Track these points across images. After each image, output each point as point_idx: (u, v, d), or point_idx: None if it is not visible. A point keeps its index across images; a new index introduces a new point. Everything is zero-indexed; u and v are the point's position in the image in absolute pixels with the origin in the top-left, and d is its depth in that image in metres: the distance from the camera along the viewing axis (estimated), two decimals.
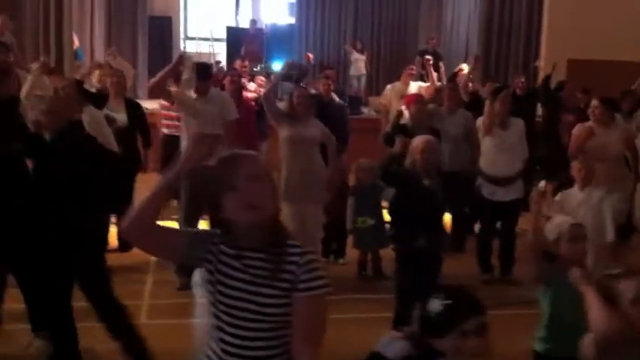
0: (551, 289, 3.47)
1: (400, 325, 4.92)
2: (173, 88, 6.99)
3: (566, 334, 3.36)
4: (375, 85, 15.83)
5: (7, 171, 4.50)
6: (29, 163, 4.62)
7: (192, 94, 6.44)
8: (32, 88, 6.36)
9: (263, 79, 10.77)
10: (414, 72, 9.46)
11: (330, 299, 2.32)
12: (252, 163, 2.35)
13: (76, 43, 11.50)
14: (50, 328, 4.54)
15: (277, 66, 14.43)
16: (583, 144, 6.37)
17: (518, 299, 5.38)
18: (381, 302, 5.88)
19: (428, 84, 9.24)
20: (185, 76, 7.17)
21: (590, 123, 6.58)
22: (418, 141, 5.01)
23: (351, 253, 6.93)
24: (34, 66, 6.78)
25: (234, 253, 2.34)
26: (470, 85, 9.02)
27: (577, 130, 6.61)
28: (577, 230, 3.49)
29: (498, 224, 6.84)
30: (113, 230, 5.89)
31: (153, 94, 7.02)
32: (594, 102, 6.61)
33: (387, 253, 6.58)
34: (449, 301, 2.25)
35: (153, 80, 6.36)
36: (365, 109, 13.84)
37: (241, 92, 8.20)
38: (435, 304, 2.26)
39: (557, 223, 3.57)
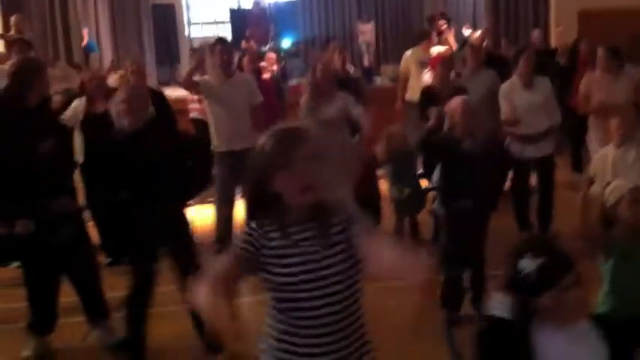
0: (612, 257, 3.48)
1: (449, 287, 5.05)
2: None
3: (628, 298, 3.43)
4: (383, 55, 15.77)
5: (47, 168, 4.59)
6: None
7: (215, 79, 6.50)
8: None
9: (273, 55, 10.81)
10: (435, 42, 9.35)
11: None
12: (308, 141, 2.28)
13: (86, 38, 11.57)
14: (127, 317, 4.61)
15: (287, 43, 14.56)
16: (589, 93, 6.42)
17: None
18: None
19: (445, 48, 9.19)
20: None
21: (597, 73, 6.66)
22: (456, 103, 4.98)
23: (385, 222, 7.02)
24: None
25: (281, 234, 2.32)
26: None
27: (583, 82, 6.71)
28: (637, 194, 3.49)
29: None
30: None
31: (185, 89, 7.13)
32: (599, 51, 6.67)
33: (422, 218, 6.75)
34: (542, 260, 2.18)
35: (182, 80, 6.47)
36: (378, 79, 13.77)
37: (260, 72, 8.26)
38: (528, 263, 2.19)
39: (615, 187, 3.59)
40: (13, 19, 8.86)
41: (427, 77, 7.71)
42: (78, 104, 6.30)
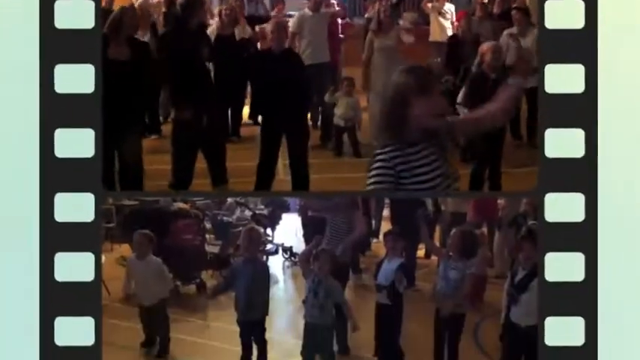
0: None
1: (474, 177, 5.23)
2: None
3: None
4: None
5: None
6: None
7: None
8: None
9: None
10: None
11: None
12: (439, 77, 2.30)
13: None
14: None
15: None
16: None
17: None
18: None
19: None
20: None
21: None
22: (487, 46, 5.23)
23: None
24: None
25: (409, 153, 2.23)
26: None
27: None
28: None
29: None
30: None
31: None
32: None
33: None
34: None
35: None
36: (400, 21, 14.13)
37: None
38: None
39: None
40: None
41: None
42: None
